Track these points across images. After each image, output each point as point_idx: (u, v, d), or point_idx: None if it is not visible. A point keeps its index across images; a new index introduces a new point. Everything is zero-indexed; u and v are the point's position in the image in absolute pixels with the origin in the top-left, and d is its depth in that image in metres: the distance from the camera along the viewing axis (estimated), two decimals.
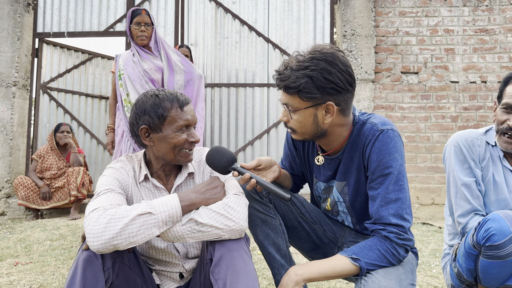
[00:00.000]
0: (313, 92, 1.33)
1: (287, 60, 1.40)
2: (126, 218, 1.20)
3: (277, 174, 1.58)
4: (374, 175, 1.39)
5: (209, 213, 1.31)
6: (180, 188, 1.54)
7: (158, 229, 1.25)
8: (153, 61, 3.01)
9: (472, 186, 1.66)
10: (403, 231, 1.34)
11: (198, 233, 1.29)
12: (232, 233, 1.31)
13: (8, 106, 4.92)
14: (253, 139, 5.12)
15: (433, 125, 4.77)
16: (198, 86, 3.19)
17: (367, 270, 1.31)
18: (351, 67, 1.38)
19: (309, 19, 5.18)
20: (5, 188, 4.87)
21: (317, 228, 1.64)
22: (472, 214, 1.63)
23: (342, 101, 1.38)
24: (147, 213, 1.23)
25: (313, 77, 1.32)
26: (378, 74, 4.83)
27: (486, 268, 1.45)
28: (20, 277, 2.48)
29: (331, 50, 1.35)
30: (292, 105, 1.39)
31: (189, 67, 3.15)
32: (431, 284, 2.35)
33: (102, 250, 1.19)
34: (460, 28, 4.85)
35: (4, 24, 4.99)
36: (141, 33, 3.00)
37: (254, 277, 1.27)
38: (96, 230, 1.18)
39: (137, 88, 2.92)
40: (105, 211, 1.23)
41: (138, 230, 1.21)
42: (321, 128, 1.42)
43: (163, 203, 1.28)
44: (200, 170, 1.57)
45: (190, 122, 1.47)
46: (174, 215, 1.27)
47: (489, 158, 1.68)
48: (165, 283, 1.56)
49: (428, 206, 4.67)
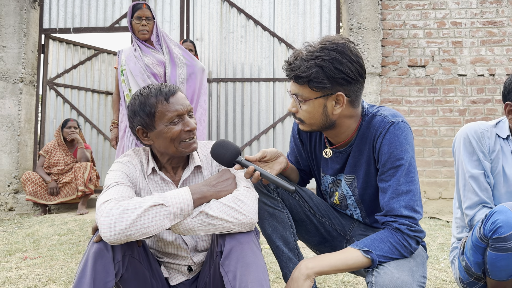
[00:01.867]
0: (324, 82, 1.32)
1: (297, 50, 1.38)
2: (139, 209, 1.20)
3: (284, 166, 1.57)
4: (385, 167, 1.38)
5: (219, 206, 1.30)
6: (188, 182, 1.53)
7: (169, 221, 1.25)
8: (155, 55, 2.99)
9: (480, 178, 1.64)
10: (415, 222, 1.33)
11: (208, 226, 1.29)
12: (242, 226, 1.31)
13: (15, 102, 4.95)
14: (259, 134, 5.12)
15: (440, 119, 4.73)
16: (200, 79, 3.17)
17: (378, 262, 1.31)
18: (362, 58, 1.37)
19: (315, 13, 5.15)
20: (13, 183, 4.90)
21: (325, 222, 1.63)
22: (480, 206, 1.62)
23: (352, 92, 1.37)
24: (160, 204, 1.23)
25: (324, 67, 1.31)
26: (385, 68, 4.80)
27: (494, 261, 1.44)
28: (29, 271, 2.50)
29: (342, 40, 1.34)
30: (301, 95, 1.38)
31: (191, 60, 3.13)
32: (439, 278, 2.34)
33: (115, 241, 1.19)
34: (467, 21, 4.79)
35: (10, 21, 5.01)
36: (143, 27, 2.98)
37: (264, 269, 1.27)
38: (109, 220, 1.18)
39: (139, 83, 2.91)
40: (117, 202, 1.23)
41: (150, 221, 1.21)
42: (330, 119, 1.41)
43: (175, 195, 1.27)
44: (208, 163, 1.57)
45: (181, 111, 1.43)
46: (186, 208, 1.27)
47: (499, 150, 1.66)
48: (173, 276, 1.56)
49: (435, 200, 4.65)
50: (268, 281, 1.26)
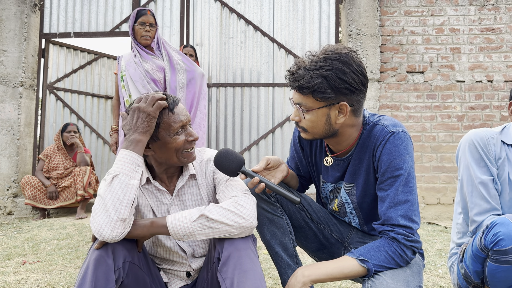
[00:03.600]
0: (328, 92, 1.33)
1: (299, 60, 1.39)
2: (105, 195, 1.28)
3: (285, 174, 1.58)
4: (384, 176, 1.39)
5: (219, 210, 1.32)
6: (183, 190, 1.54)
7: (132, 179, 1.31)
8: (155, 61, 3.01)
9: (490, 184, 1.63)
10: (411, 232, 1.34)
11: (208, 230, 1.30)
12: (242, 229, 1.32)
13: (15, 106, 4.96)
14: (258, 139, 5.13)
15: (438, 125, 4.75)
16: (200, 84, 3.19)
17: (374, 271, 1.32)
18: (365, 68, 1.38)
19: (314, 19, 5.18)
20: (12, 187, 4.90)
21: (324, 228, 1.64)
22: (490, 213, 1.60)
23: (355, 101, 1.38)
24: (115, 176, 1.30)
25: (327, 77, 1.32)
26: (384, 74, 4.82)
27: (494, 272, 1.44)
28: (27, 276, 2.50)
29: (344, 50, 1.35)
30: (305, 105, 1.39)
31: (191, 65, 3.15)
32: (437, 284, 2.35)
33: (114, 234, 1.25)
34: (466, 27, 4.83)
35: (11, 25, 5.03)
36: (146, 33, 3.01)
37: (261, 276, 1.28)
38: (98, 221, 1.26)
39: (139, 88, 2.93)
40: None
41: (121, 191, 1.28)
42: (333, 128, 1.42)
43: (117, 160, 1.35)
44: (202, 171, 1.57)
45: (184, 122, 1.45)
46: (134, 160, 1.34)
47: (505, 157, 1.66)
48: (172, 282, 1.57)
49: (433, 206, 4.66)
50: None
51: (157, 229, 1.33)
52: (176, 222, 1.31)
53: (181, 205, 1.53)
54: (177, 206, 1.53)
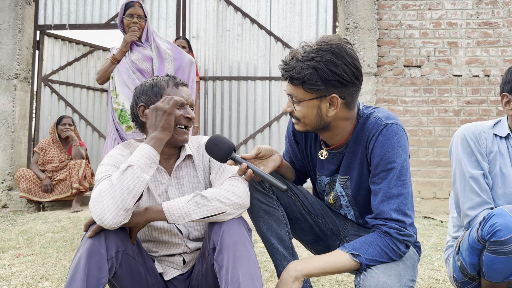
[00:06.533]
0: (318, 84, 1.31)
1: (294, 50, 1.37)
2: (117, 182, 1.27)
3: (278, 164, 1.56)
4: (376, 169, 1.37)
5: (213, 189, 1.38)
6: (180, 171, 1.58)
7: (145, 174, 1.31)
8: (142, 51, 3.01)
9: (480, 179, 1.64)
10: (404, 226, 1.33)
11: (203, 208, 1.33)
12: (235, 207, 1.36)
13: (9, 98, 4.92)
14: (254, 133, 5.11)
15: (435, 119, 4.75)
16: (188, 72, 3.17)
17: (367, 265, 1.31)
18: (358, 60, 1.35)
19: (311, 12, 5.15)
20: (7, 180, 4.87)
21: (320, 221, 1.63)
22: (483, 207, 1.61)
23: (347, 94, 1.36)
24: (128, 167, 1.29)
25: (318, 69, 1.30)
26: (381, 68, 4.81)
27: (491, 263, 1.44)
28: (22, 268, 2.48)
29: (338, 42, 1.33)
30: (296, 96, 1.37)
31: (179, 53, 3.13)
32: (433, 277, 2.35)
33: (117, 220, 1.25)
34: (463, 22, 4.81)
35: (5, 16, 4.97)
36: (133, 24, 3.00)
37: (255, 264, 1.29)
38: (100, 206, 1.25)
39: (124, 78, 2.95)
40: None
41: (131, 183, 1.27)
42: (324, 121, 1.40)
43: (135, 154, 1.35)
44: (199, 154, 1.63)
45: (185, 100, 1.52)
46: (151, 155, 1.35)
47: (496, 151, 1.66)
48: (167, 271, 1.57)
49: (430, 200, 4.67)
50: (260, 276, 1.28)
51: (152, 214, 1.35)
52: (171, 204, 1.35)
53: (179, 186, 1.57)
54: (175, 187, 1.56)
